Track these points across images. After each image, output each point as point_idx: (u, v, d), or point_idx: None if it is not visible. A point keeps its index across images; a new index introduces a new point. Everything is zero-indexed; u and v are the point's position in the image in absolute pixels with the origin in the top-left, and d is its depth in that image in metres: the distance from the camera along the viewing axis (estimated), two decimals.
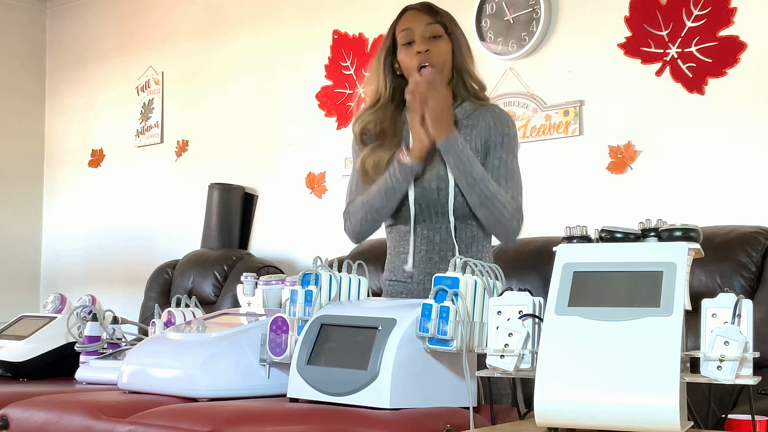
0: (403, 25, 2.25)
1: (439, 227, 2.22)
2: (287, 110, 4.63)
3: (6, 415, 1.91)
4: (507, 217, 2.15)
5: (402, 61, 2.25)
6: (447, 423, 1.59)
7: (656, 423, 1.26)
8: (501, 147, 2.22)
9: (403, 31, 2.24)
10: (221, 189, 4.69)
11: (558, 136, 3.60)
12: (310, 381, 1.70)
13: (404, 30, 2.24)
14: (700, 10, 3.29)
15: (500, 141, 2.23)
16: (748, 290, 2.70)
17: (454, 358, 1.69)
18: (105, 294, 4.21)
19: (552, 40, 3.69)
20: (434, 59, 2.20)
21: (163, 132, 5.22)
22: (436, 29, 2.23)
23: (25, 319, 2.75)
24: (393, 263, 2.32)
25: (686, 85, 3.32)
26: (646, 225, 1.43)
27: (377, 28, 4.21)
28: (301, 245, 4.48)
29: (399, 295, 2.27)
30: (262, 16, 4.79)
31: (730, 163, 3.22)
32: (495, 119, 2.25)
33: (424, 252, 2.23)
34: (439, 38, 2.23)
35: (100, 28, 5.65)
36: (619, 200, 3.44)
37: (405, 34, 2.24)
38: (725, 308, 1.33)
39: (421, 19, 2.24)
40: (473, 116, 2.26)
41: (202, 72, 5.05)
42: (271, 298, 2.22)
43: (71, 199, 5.74)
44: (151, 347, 2.05)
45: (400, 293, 2.28)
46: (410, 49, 2.22)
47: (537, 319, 1.48)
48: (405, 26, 2.25)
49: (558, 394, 1.31)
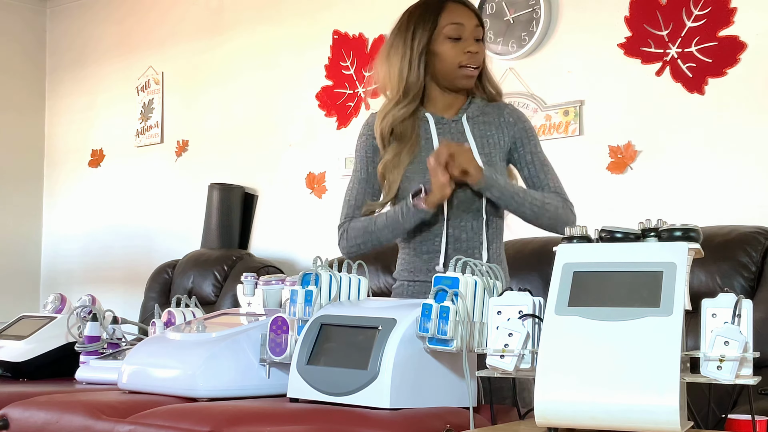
0: (454, 18, 2.20)
1: (465, 225, 2.21)
2: (287, 110, 4.63)
3: (6, 415, 1.91)
4: (561, 213, 2.19)
5: (445, 54, 2.20)
6: (447, 423, 1.59)
7: (656, 423, 1.26)
8: (529, 142, 2.26)
9: (453, 24, 2.20)
10: (221, 189, 4.69)
11: (558, 136, 3.60)
12: (310, 381, 1.70)
13: (455, 24, 2.20)
14: (700, 10, 3.29)
15: (525, 136, 2.26)
16: (748, 290, 2.70)
17: (454, 358, 1.69)
18: (105, 294, 4.21)
19: (552, 40, 3.69)
20: (479, 62, 2.23)
21: (163, 132, 5.22)
22: (481, 32, 2.24)
23: (25, 319, 2.75)
24: (413, 263, 2.26)
25: (686, 85, 3.32)
26: (646, 225, 1.43)
27: (377, 28, 4.21)
28: (301, 245, 4.48)
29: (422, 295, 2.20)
30: (262, 16, 4.79)
31: (730, 163, 3.22)
32: (511, 115, 2.27)
33: (452, 251, 2.20)
34: (481, 41, 2.24)
35: (100, 28, 5.65)
36: (619, 200, 3.44)
37: (455, 29, 2.20)
38: (725, 308, 1.33)
39: (472, 18, 2.22)
40: (487, 112, 2.27)
41: (202, 72, 5.05)
42: (271, 298, 2.22)
43: (71, 199, 5.74)
44: (151, 347, 2.05)
45: (423, 293, 2.20)
46: (458, 45, 2.20)
47: (537, 319, 1.48)
48: (456, 20, 2.20)
49: (558, 394, 1.31)
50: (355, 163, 2.34)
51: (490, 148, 2.22)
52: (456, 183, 2.11)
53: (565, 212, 2.20)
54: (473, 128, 2.24)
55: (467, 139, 2.21)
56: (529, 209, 2.15)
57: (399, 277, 2.30)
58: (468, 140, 2.21)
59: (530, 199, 2.16)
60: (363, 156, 2.30)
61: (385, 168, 2.24)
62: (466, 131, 2.23)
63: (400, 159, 2.21)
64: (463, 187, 2.16)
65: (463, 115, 2.25)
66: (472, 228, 2.21)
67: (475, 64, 2.21)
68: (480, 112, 2.27)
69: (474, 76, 2.24)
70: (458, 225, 2.21)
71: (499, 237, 2.28)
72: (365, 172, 2.30)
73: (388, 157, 2.23)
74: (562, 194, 2.24)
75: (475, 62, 2.21)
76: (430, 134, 2.23)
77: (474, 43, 2.21)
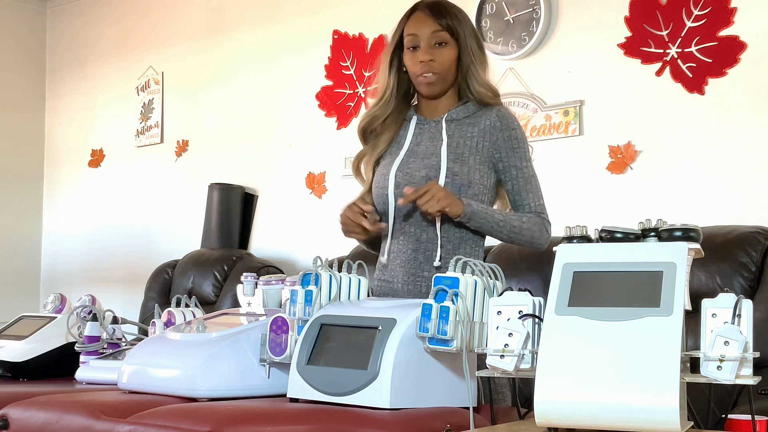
0: (410, 30, 2.25)
1: (427, 226, 2.21)
2: (287, 110, 4.63)
3: (6, 415, 1.91)
4: (537, 236, 2.21)
5: (407, 63, 2.27)
6: (447, 423, 1.59)
7: (656, 423, 1.26)
8: (514, 154, 2.23)
9: (409, 35, 2.24)
10: (221, 189, 4.69)
11: (558, 136, 3.60)
12: (310, 381, 1.70)
13: (410, 35, 2.24)
14: (700, 10, 3.29)
15: (511, 147, 2.23)
16: (748, 290, 2.70)
17: (454, 358, 1.69)
18: (105, 294, 4.21)
19: (552, 40, 3.69)
20: (437, 68, 2.22)
21: (163, 132, 5.21)
22: (441, 36, 2.22)
23: (25, 319, 2.75)
24: (380, 261, 2.31)
25: (686, 85, 3.32)
26: (646, 225, 1.43)
27: (377, 28, 4.21)
28: (301, 245, 4.48)
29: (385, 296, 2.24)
30: (261, 16, 4.78)
31: (730, 163, 3.22)
32: (500, 118, 2.24)
33: (410, 251, 2.22)
34: (445, 45, 2.23)
35: (100, 28, 5.65)
36: (619, 200, 3.43)
37: (410, 39, 2.24)
38: (725, 308, 1.33)
39: (428, 24, 2.23)
40: (476, 115, 2.27)
41: (202, 72, 5.05)
42: (271, 298, 2.22)
43: (71, 199, 5.74)
44: (151, 347, 2.05)
45: (386, 294, 2.25)
46: (415, 55, 2.23)
47: (537, 319, 1.48)
48: (411, 31, 2.24)
49: (558, 394, 1.31)
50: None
51: (463, 149, 2.22)
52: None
53: (540, 235, 2.22)
54: (453, 129, 2.25)
55: (442, 138, 2.23)
56: (507, 236, 2.19)
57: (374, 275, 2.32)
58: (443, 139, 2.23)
59: (509, 227, 2.17)
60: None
61: (358, 160, 2.35)
62: (442, 131, 2.24)
63: (374, 153, 2.32)
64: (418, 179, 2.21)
65: (444, 117, 2.27)
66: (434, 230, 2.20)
67: (431, 71, 2.22)
68: (466, 115, 2.27)
69: (430, 82, 2.23)
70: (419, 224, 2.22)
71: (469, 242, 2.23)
72: None
73: (363, 152, 2.35)
74: (542, 214, 2.24)
75: (428, 69, 2.22)
76: (407, 132, 2.29)
77: (427, 51, 2.21)
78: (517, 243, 2.21)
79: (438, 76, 2.23)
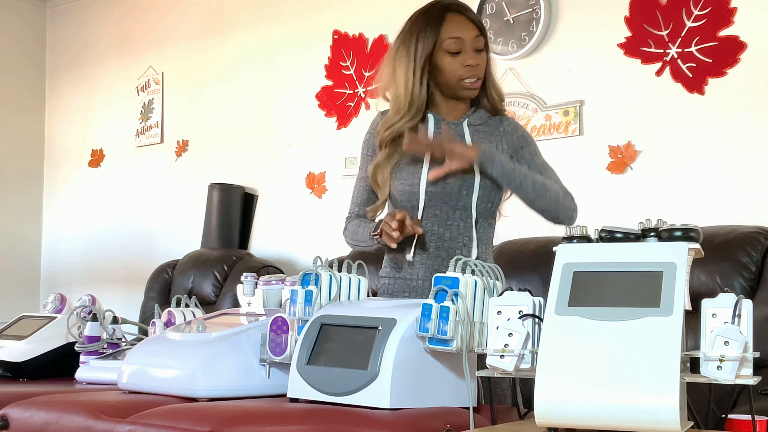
0: (452, 33, 2.19)
1: (451, 224, 2.20)
2: (287, 110, 4.63)
3: (6, 415, 1.91)
4: (562, 198, 2.19)
5: (445, 67, 2.20)
6: (447, 423, 1.59)
7: (656, 423, 1.26)
8: (527, 146, 2.27)
9: (452, 38, 2.19)
10: (221, 189, 4.69)
11: (558, 136, 3.60)
12: (310, 381, 1.70)
13: (454, 38, 2.19)
14: (700, 10, 3.29)
15: (525, 142, 2.27)
16: (748, 290, 2.70)
17: (454, 358, 1.69)
18: (105, 294, 4.21)
19: (552, 40, 3.69)
20: (481, 73, 2.23)
21: (163, 132, 5.22)
22: (481, 42, 2.22)
23: (25, 319, 2.75)
24: (396, 258, 2.27)
25: (686, 85, 3.32)
26: (646, 225, 1.43)
27: (377, 28, 4.21)
28: (301, 245, 4.48)
29: (402, 294, 2.24)
30: (261, 16, 4.78)
31: (730, 163, 3.22)
32: (509, 127, 2.28)
33: (433, 249, 2.21)
34: (482, 51, 2.23)
35: (100, 28, 5.65)
36: (619, 200, 3.43)
37: (454, 43, 2.19)
38: (725, 308, 1.33)
39: (471, 29, 2.21)
40: (488, 123, 2.28)
41: (202, 72, 5.05)
42: (271, 298, 2.22)
43: (71, 199, 5.74)
44: (151, 347, 2.05)
45: (402, 292, 2.24)
46: (457, 59, 2.19)
47: (537, 319, 1.48)
48: (455, 34, 2.19)
49: (558, 394, 1.31)
50: (360, 160, 2.38)
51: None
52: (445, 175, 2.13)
53: (566, 200, 2.20)
54: (473, 135, 2.24)
55: (466, 140, 2.22)
56: (531, 187, 2.14)
57: (382, 273, 2.31)
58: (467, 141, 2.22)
59: (532, 177, 2.16)
60: (365, 154, 2.35)
61: (375, 168, 2.26)
62: (465, 135, 2.23)
63: (392, 158, 2.24)
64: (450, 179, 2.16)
65: (465, 120, 2.26)
66: (458, 228, 2.20)
67: (476, 76, 2.22)
68: (482, 122, 2.27)
69: (475, 88, 2.24)
70: (442, 223, 2.21)
71: (489, 241, 2.27)
72: (365, 170, 2.33)
73: (379, 159, 2.26)
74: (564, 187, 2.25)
75: (475, 74, 2.22)
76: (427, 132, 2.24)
77: (473, 56, 2.20)
78: (542, 201, 2.16)
79: (480, 81, 2.24)
